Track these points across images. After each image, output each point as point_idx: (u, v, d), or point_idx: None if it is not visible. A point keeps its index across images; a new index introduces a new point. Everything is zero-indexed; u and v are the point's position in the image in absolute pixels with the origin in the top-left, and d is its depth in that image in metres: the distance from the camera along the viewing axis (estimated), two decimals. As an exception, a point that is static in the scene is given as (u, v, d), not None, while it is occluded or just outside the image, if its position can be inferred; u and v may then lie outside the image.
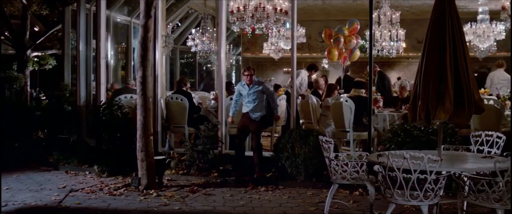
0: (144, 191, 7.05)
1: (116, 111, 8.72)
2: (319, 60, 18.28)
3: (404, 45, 12.67)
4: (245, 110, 7.96)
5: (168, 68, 17.67)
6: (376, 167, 4.78)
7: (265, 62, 18.94)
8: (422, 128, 7.06)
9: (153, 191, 7.04)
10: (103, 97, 9.48)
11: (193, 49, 13.50)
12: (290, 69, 8.09)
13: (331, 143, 5.49)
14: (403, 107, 9.15)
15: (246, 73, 7.92)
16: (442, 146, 5.92)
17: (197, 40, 13.25)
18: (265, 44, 14.55)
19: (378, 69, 11.63)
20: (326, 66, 19.02)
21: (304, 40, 14.43)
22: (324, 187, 7.16)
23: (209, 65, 18.45)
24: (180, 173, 8.00)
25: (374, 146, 8.45)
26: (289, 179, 7.48)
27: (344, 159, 5.61)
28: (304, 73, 10.94)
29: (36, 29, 17.86)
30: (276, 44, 13.91)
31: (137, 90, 7.30)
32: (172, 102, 9.30)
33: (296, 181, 7.43)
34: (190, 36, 13.62)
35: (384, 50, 11.82)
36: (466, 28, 13.48)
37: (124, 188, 7.22)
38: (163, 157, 7.83)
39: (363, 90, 8.77)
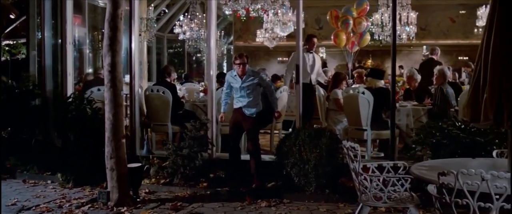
0: (114, 208, 5.58)
1: (85, 106, 7.25)
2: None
3: (415, 29, 11.87)
4: (237, 105, 6.46)
5: (155, 58, 16.57)
6: (431, 189, 3.38)
7: (258, 51, 17.84)
8: (462, 126, 5.67)
9: (125, 208, 5.57)
10: (70, 90, 7.97)
11: (181, 37, 12.50)
12: (284, 58, 6.89)
13: (357, 150, 4.09)
14: (426, 100, 7.77)
15: (237, 61, 6.34)
16: (495, 152, 4.59)
17: (185, 27, 12.25)
18: (258, 32, 13.21)
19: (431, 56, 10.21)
20: (324, 55, 17.78)
21: (303, 26, 13.01)
22: (340, 200, 5.77)
23: (198, 54, 17.57)
24: (161, 183, 6.52)
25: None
26: (296, 191, 6.01)
27: (375, 171, 4.20)
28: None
29: (12, 16, 16.47)
30: (271, 31, 12.55)
31: (105, 82, 5.81)
32: (152, 95, 7.81)
33: (304, 193, 5.95)
34: (177, 23, 12.59)
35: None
36: (480, 11, 12.33)
37: (90, 205, 5.73)
38: (140, 164, 6.34)
39: (382, 82, 7.37)
